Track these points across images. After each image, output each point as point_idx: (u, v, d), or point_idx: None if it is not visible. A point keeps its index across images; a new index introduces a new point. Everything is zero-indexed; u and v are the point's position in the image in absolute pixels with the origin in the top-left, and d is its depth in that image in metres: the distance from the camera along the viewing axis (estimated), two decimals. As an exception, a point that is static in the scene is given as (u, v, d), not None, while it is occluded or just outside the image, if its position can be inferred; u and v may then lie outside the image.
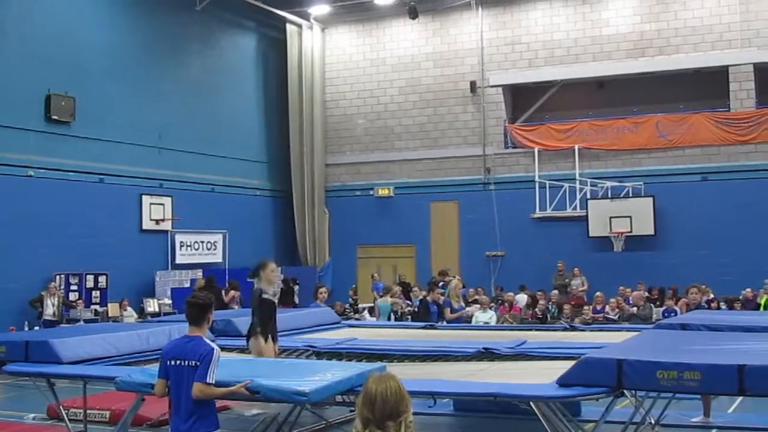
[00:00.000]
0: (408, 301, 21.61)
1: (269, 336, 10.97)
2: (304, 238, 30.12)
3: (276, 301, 11.31)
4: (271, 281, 11.24)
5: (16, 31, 21.64)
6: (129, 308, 22.90)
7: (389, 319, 19.91)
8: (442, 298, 17.21)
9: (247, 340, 11.12)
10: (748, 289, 22.09)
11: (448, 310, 15.62)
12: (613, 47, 27.25)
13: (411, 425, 4.23)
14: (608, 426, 9.49)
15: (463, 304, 17.12)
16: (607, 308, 22.44)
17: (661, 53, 26.70)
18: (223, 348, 7.55)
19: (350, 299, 25.22)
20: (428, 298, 15.81)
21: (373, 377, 4.37)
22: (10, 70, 21.32)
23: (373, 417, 4.19)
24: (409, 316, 19.70)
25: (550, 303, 23.19)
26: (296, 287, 26.63)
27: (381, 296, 21.02)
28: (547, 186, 27.12)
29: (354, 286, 27.61)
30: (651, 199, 25.91)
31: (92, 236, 22.77)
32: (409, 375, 7.51)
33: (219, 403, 8.30)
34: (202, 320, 7.05)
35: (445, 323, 16.29)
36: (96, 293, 23.02)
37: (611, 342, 10.01)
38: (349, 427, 10.97)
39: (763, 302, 20.84)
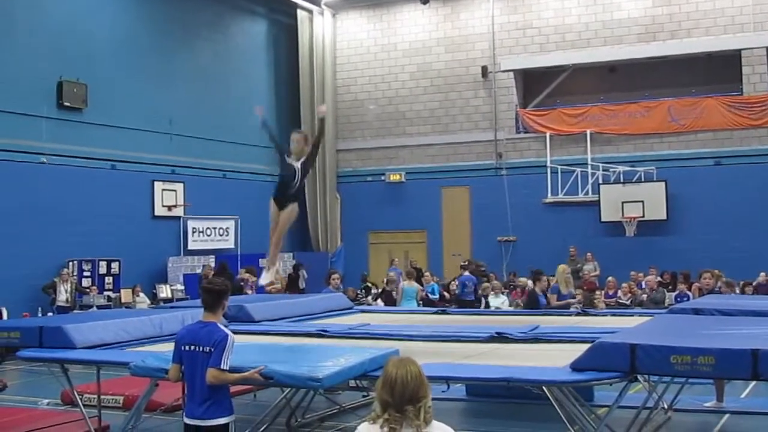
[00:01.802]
0: (421, 287, 21.66)
1: (284, 201, 11.75)
2: (315, 224, 30.14)
3: (296, 169, 11.74)
4: (293, 151, 11.85)
5: (28, 18, 21.66)
6: (142, 294, 22.98)
7: (418, 304, 19.91)
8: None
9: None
10: (762, 273, 22.09)
11: (555, 296, 15.41)
12: (624, 31, 27.14)
13: (430, 410, 4.24)
14: (621, 411, 9.51)
15: (572, 290, 16.65)
16: (620, 293, 22.46)
17: (673, 37, 26.59)
18: (236, 333, 7.56)
19: (365, 285, 25.19)
20: (536, 289, 15.55)
21: (393, 361, 4.37)
22: (21, 58, 21.35)
23: (393, 401, 4.20)
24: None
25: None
26: (302, 272, 26.57)
27: (405, 280, 20.96)
28: (559, 171, 27.09)
29: (366, 273, 27.57)
30: (663, 183, 25.85)
31: (105, 223, 22.83)
32: (421, 359, 7.54)
33: (234, 389, 8.33)
34: (217, 306, 7.07)
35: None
36: (109, 279, 23.09)
37: (624, 327, 9.98)
38: (362, 412, 11.03)
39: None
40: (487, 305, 21.12)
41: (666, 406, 11.70)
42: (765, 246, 24.00)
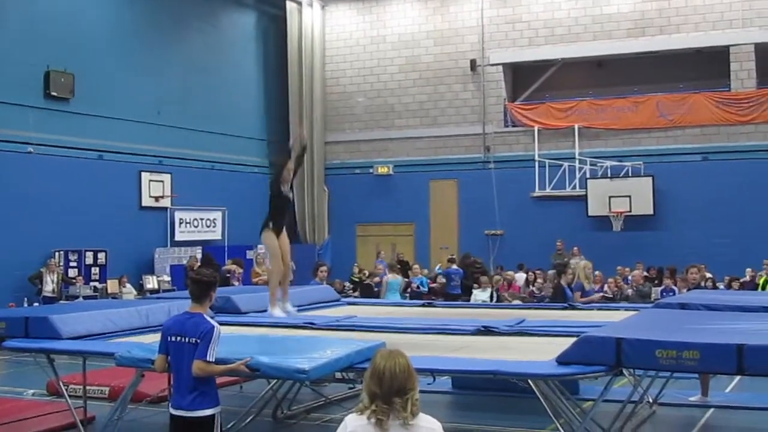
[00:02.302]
0: (406, 279, 21.71)
1: (281, 230, 11.32)
2: (303, 216, 30.13)
3: (291, 199, 11.77)
4: (286, 180, 11.57)
5: (16, 7, 21.58)
6: (128, 285, 22.97)
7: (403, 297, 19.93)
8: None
9: (261, 233, 11.53)
10: (749, 270, 22.18)
11: (579, 293, 15.34)
12: (613, 26, 27.19)
13: (417, 402, 4.25)
14: (606, 405, 9.54)
15: (594, 287, 16.50)
16: (606, 287, 22.49)
17: (662, 33, 26.65)
18: (222, 325, 7.55)
19: (355, 277, 25.15)
20: (562, 282, 15.46)
21: (382, 353, 4.39)
22: (9, 47, 21.28)
23: (381, 392, 4.21)
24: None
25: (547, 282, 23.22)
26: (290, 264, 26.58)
27: (389, 273, 20.97)
28: (547, 165, 27.12)
29: (356, 264, 27.48)
30: (650, 178, 25.93)
31: (91, 213, 22.78)
32: (407, 352, 7.53)
33: (220, 380, 8.32)
34: (204, 298, 7.05)
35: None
36: (95, 270, 23.04)
37: (610, 321, 10.02)
38: (348, 404, 11.03)
39: (761, 282, 20.87)
40: (499, 299, 21.17)
41: (651, 400, 11.75)
42: (751, 242, 24.10)
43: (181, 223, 25.84)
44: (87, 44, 23.22)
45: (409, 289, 22.71)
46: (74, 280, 21.94)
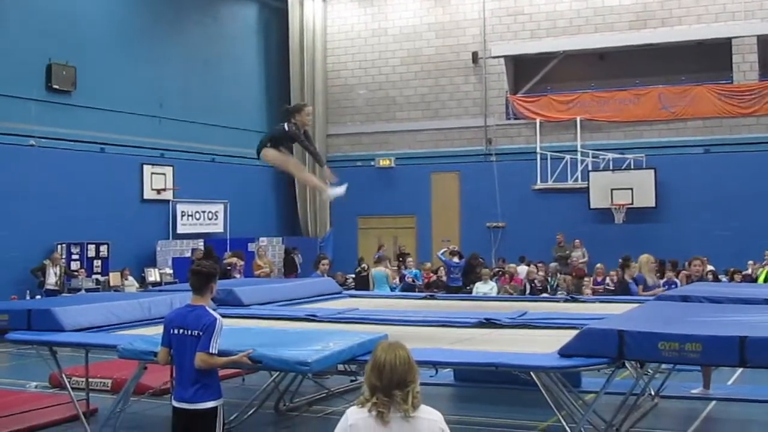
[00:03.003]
0: (394, 270, 21.86)
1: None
2: (304, 209, 30.12)
3: (298, 135, 11.24)
4: (305, 124, 11.28)
5: (17, 0, 21.54)
6: (130, 278, 22.98)
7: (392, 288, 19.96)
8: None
9: (258, 154, 11.17)
10: (750, 262, 22.20)
11: (641, 287, 15.21)
12: (615, 18, 27.14)
13: (418, 395, 4.25)
14: (608, 397, 9.54)
15: (658, 280, 16.26)
16: (608, 280, 22.51)
17: (664, 25, 26.59)
18: (225, 317, 7.57)
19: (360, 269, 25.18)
20: (625, 276, 15.35)
21: (382, 345, 4.39)
22: (10, 40, 21.25)
23: (381, 385, 4.22)
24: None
25: (550, 275, 23.25)
26: (297, 256, 26.87)
27: (373, 266, 21.00)
28: (549, 157, 27.10)
29: (361, 257, 27.43)
30: (652, 171, 25.90)
31: (93, 206, 22.78)
32: (410, 345, 7.54)
33: (222, 372, 8.33)
34: (205, 289, 7.06)
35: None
36: (97, 263, 23.06)
37: (612, 313, 10.03)
38: (350, 396, 11.05)
39: (762, 276, 20.84)
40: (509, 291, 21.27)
41: (653, 393, 11.76)
42: (753, 234, 24.07)
43: (183, 216, 25.82)
44: (88, 37, 23.20)
45: (402, 282, 22.79)
46: (76, 273, 21.96)
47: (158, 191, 25.14)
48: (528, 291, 22.18)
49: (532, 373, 7.78)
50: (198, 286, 7.06)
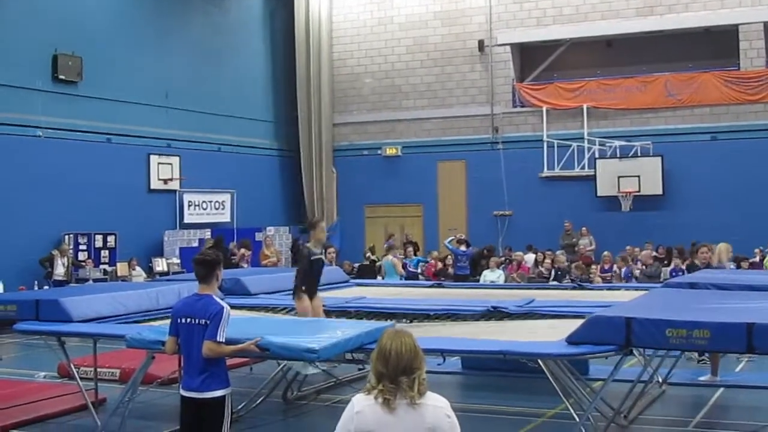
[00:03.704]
0: (401, 259, 21.97)
1: (315, 295, 10.82)
2: (311, 198, 30.13)
3: (323, 260, 11.25)
4: (320, 240, 11.11)
5: (23, -10, 21.57)
6: (138, 268, 23.03)
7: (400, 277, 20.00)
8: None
9: (293, 297, 10.88)
10: (757, 250, 22.16)
11: None
12: (622, 5, 27.04)
13: (424, 382, 4.26)
14: (616, 384, 9.55)
15: (734, 268, 15.91)
16: (615, 267, 22.49)
17: (671, 11, 26.50)
18: (232, 306, 7.57)
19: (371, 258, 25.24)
20: (696, 261, 15.17)
21: (388, 333, 4.39)
22: (17, 30, 21.26)
23: (387, 372, 4.22)
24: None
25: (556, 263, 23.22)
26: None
27: (384, 255, 21.10)
28: (555, 145, 27.06)
29: (372, 245, 27.38)
30: (659, 158, 25.84)
31: (100, 196, 22.81)
32: (418, 333, 7.54)
33: (230, 362, 8.35)
34: (210, 277, 7.06)
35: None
36: (105, 253, 23.12)
37: (620, 301, 10.02)
38: (358, 385, 11.04)
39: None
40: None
41: (660, 380, 11.76)
42: (760, 221, 24.01)
43: (189, 206, 25.85)
44: (94, 27, 23.20)
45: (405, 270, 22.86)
46: (84, 264, 22.00)
47: (165, 181, 25.16)
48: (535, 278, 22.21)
49: (539, 361, 7.79)
50: (203, 275, 7.06)
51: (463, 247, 22.95)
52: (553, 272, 22.41)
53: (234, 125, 27.59)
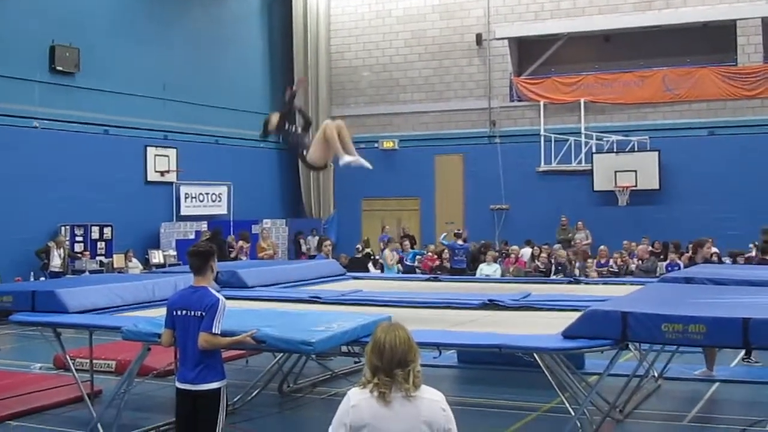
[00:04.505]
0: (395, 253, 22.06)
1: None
2: (308, 191, 30.12)
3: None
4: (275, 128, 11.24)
5: (20, -20, 21.52)
6: (134, 259, 23.03)
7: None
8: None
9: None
10: (752, 245, 22.15)
11: None
12: (620, 0, 27.02)
13: (419, 374, 4.27)
14: (612, 379, 9.57)
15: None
16: (611, 262, 22.52)
17: (669, 6, 26.49)
18: (228, 299, 7.57)
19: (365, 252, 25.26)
20: (696, 257, 15.11)
21: (382, 326, 4.40)
22: (14, 21, 21.22)
23: (382, 365, 4.23)
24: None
25: (552, 257, 23.24)
26: (304, 239, 27.08)
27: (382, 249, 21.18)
28: (553, 140, 27.06)
29: (366, 238, 27.34)
30: (656, 153, 25.85)
31: (97, 188, 22.79)
32: (414, 326, 7.53)
33: (226, 354, 8.35)
34: (205, 269, 7.06)
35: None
36: (101, 245, 23.11)
37: (616, 295, 10.02)
38: (354, 378, 11.06)
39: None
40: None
41: (656, 375, 11.77)
42: (757, 216, 23.99)
43: (186, 198, 25.85)
44: (92, 19, 23.16)
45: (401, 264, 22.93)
46: (80, 255, 21.99)
47: (162, 173, 25.15)
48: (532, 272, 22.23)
49: (535, 355, 7.79)
50: (198, 267, 7.07)
51: (460, 241, 22.98)
52: (553, 267, 22.45)
53: (231, 117, 27.54)
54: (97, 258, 22.66)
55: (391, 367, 4.22)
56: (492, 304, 10.30)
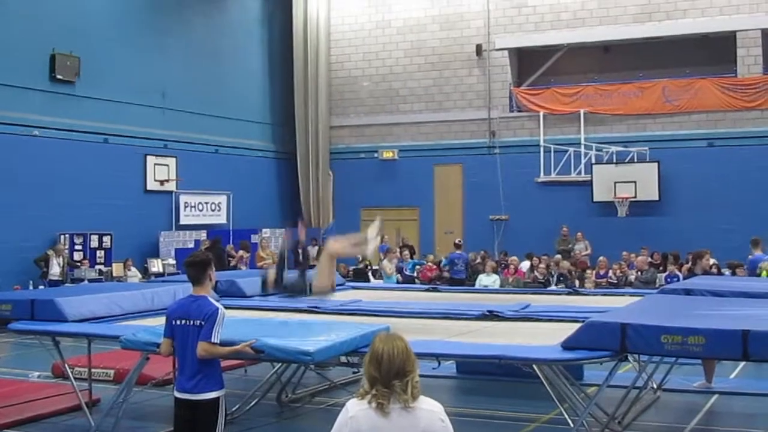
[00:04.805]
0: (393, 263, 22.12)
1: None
2: (308, 200, 30.11)
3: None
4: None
5: (21, -11, 21.55)
6: (133, 268, 23.01)
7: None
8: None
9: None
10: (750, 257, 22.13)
11: None
12: (620, 11, 27.06)
13: (417, 385, 4.25)
14: (611, 390, 9.55)
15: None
16: (611, 273, 22.51)
17: (669, 18, 26.54)
18: (227, 308, 7.56)
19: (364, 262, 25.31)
20: (696, 270, 15.03)
21: (380, 337, 4.39)
22: (14, 29, 21.23)
23: (380, 376, 4.22)
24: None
25: (551, 268, 23.22)
26: (304, 250, 26.90)
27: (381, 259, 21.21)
28: (552, 150, 27.06)
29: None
30: (656, 164, 25.85)
31: (96, 196, 22.78)
32: (412, 336, 7.52)
33: (225, 364, 8.33)
34: (203, 278, 7.05)
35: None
36: (100, 253, 23.08)
37: (615, 306, 10.02)
38: (352, 387, 11.05)
39: (766, 272, 20.76)
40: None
41: (655, 386, 11.76)
42: (756, 228, 23.92)
43: (186, 207, 25.84)
44: (92, 27, 23.18)
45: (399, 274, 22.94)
46: (79, 264, 21.97)
47: (161, 182, 25.15)
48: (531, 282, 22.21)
49: (534, 366, 7.78)
50: (196, 276, 7.07)
51: (458, 251, 22.99)
52: (554, 278, 22.43)
53: (231, 127, 27.58)
54: (96, 266, 22.63)
55: (389, 377, 4.21)
56: (491, 315, 10.31)
